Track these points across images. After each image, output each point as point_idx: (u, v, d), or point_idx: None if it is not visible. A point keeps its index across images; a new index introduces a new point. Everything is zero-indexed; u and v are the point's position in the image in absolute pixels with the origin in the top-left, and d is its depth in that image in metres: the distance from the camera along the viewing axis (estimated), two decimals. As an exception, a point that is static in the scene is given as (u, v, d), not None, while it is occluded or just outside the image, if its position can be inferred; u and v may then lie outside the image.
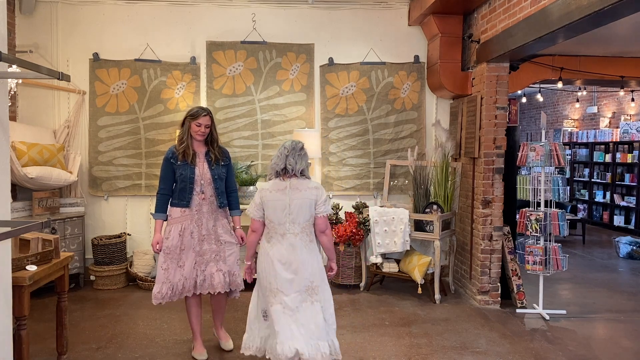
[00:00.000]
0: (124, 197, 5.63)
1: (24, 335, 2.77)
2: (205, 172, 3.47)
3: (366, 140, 5.76)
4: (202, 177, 3.45)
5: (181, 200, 3.43)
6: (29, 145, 4.85)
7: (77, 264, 5.21)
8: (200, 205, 3.44)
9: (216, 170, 3.50)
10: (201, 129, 3.45)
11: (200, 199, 3.44)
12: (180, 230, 3.42)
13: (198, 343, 3.62)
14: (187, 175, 3.41)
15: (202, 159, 3.50)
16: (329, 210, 3.17)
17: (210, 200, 3.47)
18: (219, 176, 3.50)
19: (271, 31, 5.64)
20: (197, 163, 3.46)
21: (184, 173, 3.42)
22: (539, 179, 4.74)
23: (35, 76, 2.20)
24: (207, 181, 3.46)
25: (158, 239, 3.44)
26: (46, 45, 5.47)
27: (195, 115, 3.45)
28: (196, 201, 3.44)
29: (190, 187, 3.42)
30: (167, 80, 5.58)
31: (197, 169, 3.45)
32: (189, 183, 3.42)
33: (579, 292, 5.54)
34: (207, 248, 3.46)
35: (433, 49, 5.49)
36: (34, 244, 3.09)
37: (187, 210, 3.44)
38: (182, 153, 3.44)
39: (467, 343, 3.93)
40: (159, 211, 3.47)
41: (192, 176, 3.42)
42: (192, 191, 3.43)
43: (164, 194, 3.47)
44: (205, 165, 3.48)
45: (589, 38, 4.61)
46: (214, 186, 3.48)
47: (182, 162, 3.43)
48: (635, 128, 9.41)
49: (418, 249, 5.43)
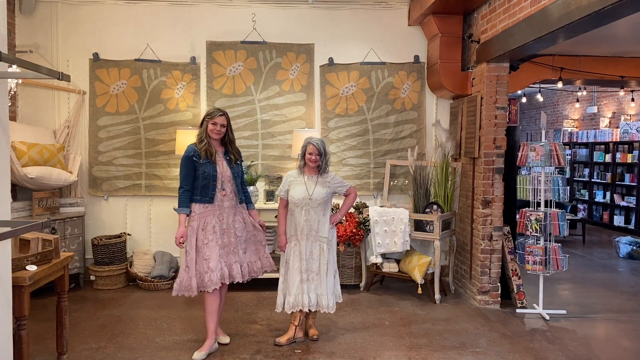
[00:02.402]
0: (124, 197, 5.63)
1: (24, 335, 2.77)
2: (225, 170, 3.67)
3: (366, 140, 5.76)
4: (223, 174, 3.65)
5: (204, 196, 3.59)
6: (29, 145, 4.85)
7: (77, 264, 5.21)
8: (221, 201, 3.63)
9: (235, 169, 3.73)
10: (216, 128, 3.63)
11: (222, 195, 3.63)
12: (202, 225, 3.57)
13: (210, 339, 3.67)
14: (210, 172, 3.59)
15: (222, 158, 3.70)
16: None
17: (230, 196, 3.67)
18: (237, 174, 3.74)
19: (271, 31, 5.64)
20: (218, 162, 3.65)
21: (207, 170, 3.58)
22: (539, 179, 4.74)
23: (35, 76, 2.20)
24: (227, 179, 3.66)
25: (182, 232, 3.57)
26: (46, 45, 5.47)
27: (211, 115, 3.65)
28: (218, 197, 3.62)
29: (213, 184, 3.60)
30: (167, 80, 5.58)
31: (219, 167, 3.64)
32: (211, 180, 3.59)
33: (579, 292, 5.54)
34: (227, 241, 3.64)
35: (433, 49, 5.49)
36: (34, 244, 3.09)
37: (210, 206, 3.61)
38: (204, 151, 3.60)
39: (467, 343, 3.93)
40: (182, 206, 3.61)
41: (215, 174, 3.61)
42: (214, 188, 3.61)
43: (187, 189, 3.61)
44: (224, 164, 3.68)
45: (589, 38, 4.61)
46: (234, 183, 3.70)
47: (205, 160, 3.59)
48: (635, 128, 9.41)
49: (418, 249, 5.43)
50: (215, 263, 3.54)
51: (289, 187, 3.84)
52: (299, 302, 3.77)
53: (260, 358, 3.60)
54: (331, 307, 3.82)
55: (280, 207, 3.91)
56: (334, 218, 3.89)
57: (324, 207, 3.83)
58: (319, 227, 3.81)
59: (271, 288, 4.35)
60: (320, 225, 3.81)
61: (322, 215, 3.82)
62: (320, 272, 3.80)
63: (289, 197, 3.82)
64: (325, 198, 3.80)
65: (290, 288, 3.79)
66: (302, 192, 3.77)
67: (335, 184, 3.85)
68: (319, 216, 3.80)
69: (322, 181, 3.81)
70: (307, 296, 3.78)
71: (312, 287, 3.79)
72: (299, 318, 3.90)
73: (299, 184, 3.81)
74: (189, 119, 5.59)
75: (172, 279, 5.28)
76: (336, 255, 4.02)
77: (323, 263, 3.80)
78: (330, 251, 3.85)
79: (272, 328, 4.16)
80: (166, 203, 5.51)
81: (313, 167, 3.82)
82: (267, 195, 5.35)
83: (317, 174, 3.83)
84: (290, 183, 3.85)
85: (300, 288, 3.77)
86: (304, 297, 3.77)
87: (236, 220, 3.70)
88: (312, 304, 3.79)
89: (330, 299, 3.82)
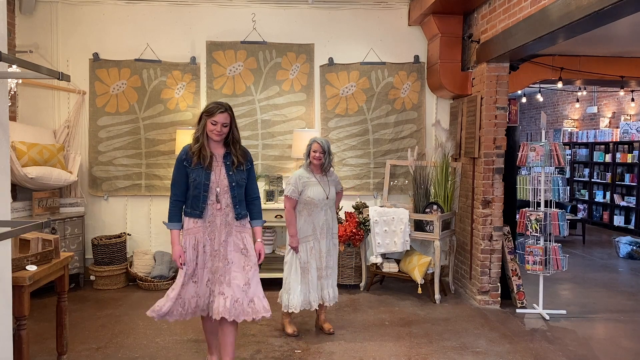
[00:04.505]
0: (124, 197, 5.63)
1: (24, 335, 2.77)
2: (222, 178, 3.02)
3: (366, 140, 5.76)
4: (218, 183, 3.02)
5: (194, 209, 3.02)
6: (29, 145, 4.85)
7: (77, 264, 5.20)
8: (213, 216, 3.02)
9: (235, 176, 3.05)
10: (217, 128, 2.99)
11: (215, 209, 3.02)
12: (194, 244, 3.04)
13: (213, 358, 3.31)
14: (201, 181, 2.98)
15: (220, 162, 3.05)
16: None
17: (225, 211, 3.03)
18: (237, 183, 3.05)
19: (271, 31, 5.64)
20: (214, 167, 3.02)
21: (198, 179, 2.98)
22: (539, 179, 4.74)
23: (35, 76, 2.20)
24: (223, 189, 3.02)
25: (179, 251, 3.03)
26: (46, 45, 5.47)
27: (210, 112, 2.99)
28: (210, 211, 3.02)
29: (204, 195, 3.00)
30: (167, 80, 5.58)
31: (213, 174, 3.01)
32: (202, 190, 2.99)
33: (579, 292, 5.54)
34: (217, 265, 3.04)
35: (433, 49, 5.49)
36: (34, 244, 3.09)
37: (200, 222, 3.03)
38: (197, 155, 2.99)
39: (467, 343, 3.93)
40: (173, 220, 3.07)
41: (207, 182, 2.99)
42: (205, 200, 3.01)
43: (177, 200, 3.06)
44: (222, 170, 3.03)
45: (589, 38, 4.61)
46: (231, 194, 3.04)
47: (197, 166, 2.99)
48: (635, 128, 9.41)
49: (418, 249, 5.43)
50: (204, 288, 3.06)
51: (303, 187, 3.86)
52: (322, 298, 3.97)
53: (260, 358, 3.60)
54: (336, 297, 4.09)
55: (290, 208, 3.90)
56: None
57: (333, 205, 4.04)
58: (333, 225, 4.01)
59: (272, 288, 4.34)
60: (334, 223, 4.03)
61: (335, 214, 4.07)
62: (334, 267, 4.04)
63: (306, 198, 3.85)
64: (334, 196, 4.01)
65: (310, 286, 3.92)
66: (320, 193, 3.88)
67: (336, 182, 4.06)
68: (334, 214, 4.03)
69: (330, 180, 3.98)
70: (326, 292, 3.98)
71: (330, 283, 4.00)
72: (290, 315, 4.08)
73: (315, 185, 3.88)
74: (189, 119, 5.59)
75: (172, 279, 5.27)
76: None
77: (335, 259, 4.06)
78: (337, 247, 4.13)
79: (272, 328, 4.16)
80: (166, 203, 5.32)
81: (317, 166, 3.90)
82: (267, 196, 5.35)
83: (321, 173, 3.94)
84: (304, 184, 3.87)
85: (320, 284, 3.95)
86: (323, 292, 3.97)
87: (229, 242, 3.05)
88: (330, 298, 3.99)
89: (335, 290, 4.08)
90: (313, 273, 3.92)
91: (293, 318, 4.12)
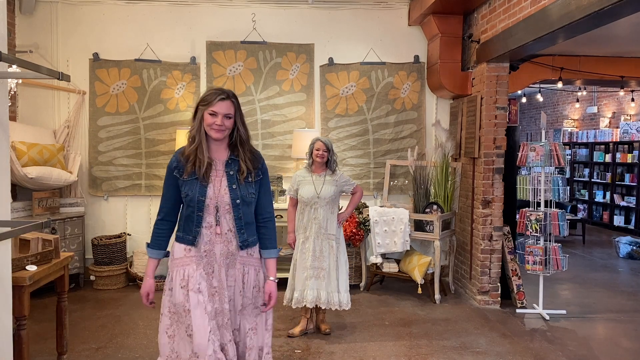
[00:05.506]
0: (124, 197, 5.63)
1: (24, 335, 2.76)
2: (223, 192, 2.25)
3: (366, 140, 5.76)
4: (218, 200, 2.24)
5: (186, 233, 2.28)
6: (29, 145, 4.85)
7: (77, 264, 5.20)
8: (211, 243, 2.27)
9: (240, 191, 2.26)
10: (217, 121, 2.20)
11: (213, 234, 2.26)
12: (182, 279, 2.26)
13: None
14: (195, 196, 2.22)
15: (221, 172, 2.27)
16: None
17: (227, 237, 2.28)
18: (243, 199, 2.27)
19: (271, 31, 5.64)
20: (213, 178, 2.25)
21: (190, 194, 2.23)
22: (539, 179, 4.74)
23: (35, 76, 2.20)
24: (224, 207, 2.25)
25: (148, 287, 2.35)
26: (46, 45, 5.47)
27: (208, 100, 2.22)
28: (206, 237, 2.26)
29: (199, 215, 2.24)
30: (167, 80, 5.58)
31: (211, 188, 2.24)
32: (196, 210, 2.23)
33: (579, 292, 5.54)
34: (219, 308, 2.27)
35: (433, 49, 5.49)
36: (34, 244, 3.09)
37: (193, 250, 2.27)
38: (191, 161, 2.23)
39: (467, 343, 3.93)
40: (154, 246, 2.35)
41: (202, 199, 2.22)
42: (200, 222, 2.25)
43: (164, 219, 2.34)
44: (223, 182, 2.26)
45: (589, 38, 4.61)
46: (235, 215, 2.26)
47: (190, 176, 2.23)
48: (635, 128, 9.41)
49: (418, 249, 5.43)
50: (204, 342, 2.17)
51: (298, 186, 3.94)
52: (304, 298, 3.87)
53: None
54: (345, 304, 3.92)
55: (290, 206, 4.03)
56: (341, 216, 4.00)
57: (332, 205, 3.93)
58: (327, 225, 3.91)
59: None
60: (328, 224, 3.92)
61: (330, 214, 3.93)
62: (330, 270, 3.89)
63: (298, 196, 3.93)
64: (333, 196, 3.91)
65: (297, 284, 3.89)
66: (310, 191, 3.87)
67: (342, 182, 3.98)
68: (327, 214, 3.91)
69: (330, 180, 3.92)
70: (310, 292, 3.87)
71: (323, 285, 3.89)
72: (310, 311, 4.03)
73: (307, 183, 3.91)
74: (189, 119, 5.56)
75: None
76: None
77: (333, 261, 3.90)
78: (339, 249, 3.95)
79: (273, 327, 4.15)
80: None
81: (321, 164, 3.91)
82: (267, 195, 5.34)
83: (325, 172, 3.93)
84: (299, 182, 3.94)
85: (305, 284, 3.87)
86: (307, 292, 3.87)
87: (230, 275, 2.29)
88: (322, 301, 3.88)
89: (343, 295, 3.93)
90: (301, 271, 3.89)
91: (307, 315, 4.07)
